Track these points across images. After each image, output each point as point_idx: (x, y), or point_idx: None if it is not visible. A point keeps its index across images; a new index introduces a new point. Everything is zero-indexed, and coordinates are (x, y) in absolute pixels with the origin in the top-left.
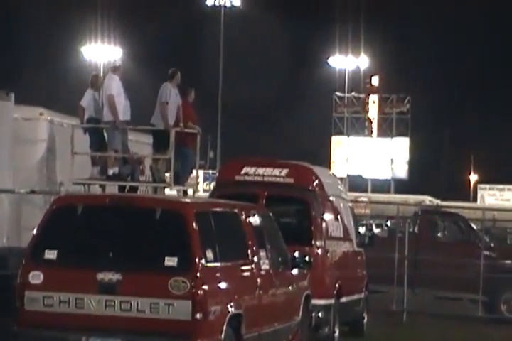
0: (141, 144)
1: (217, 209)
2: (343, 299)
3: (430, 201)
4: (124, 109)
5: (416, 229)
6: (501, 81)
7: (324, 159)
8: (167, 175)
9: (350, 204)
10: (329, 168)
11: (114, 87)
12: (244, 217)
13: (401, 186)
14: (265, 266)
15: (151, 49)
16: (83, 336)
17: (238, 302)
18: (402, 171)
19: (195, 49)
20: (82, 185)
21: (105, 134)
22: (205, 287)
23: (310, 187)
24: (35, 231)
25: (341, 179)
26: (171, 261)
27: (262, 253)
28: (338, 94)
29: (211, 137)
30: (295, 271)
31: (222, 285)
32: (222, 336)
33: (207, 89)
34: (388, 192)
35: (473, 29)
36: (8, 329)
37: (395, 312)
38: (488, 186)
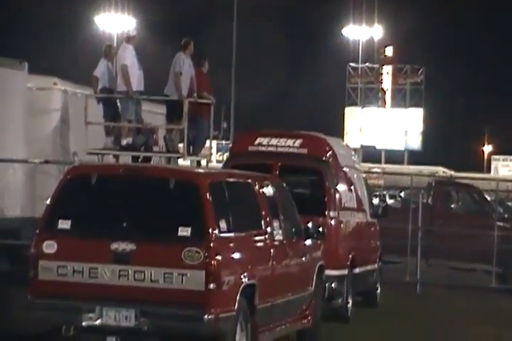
0: (154, 114)
1: (231, 180)
2: (357, 270)
3: (444, 172)
4: (138, 79)
5: (430, 200)
6: None
7: (338, 130)
8: (180, 145)
9: (364, 175)
10: (343, 138)
11: (128, 56)
12: (257, 187)
13: (415, 157)
14: (279, 236)
15: (165, 18)
16: (97, 305)
17: (252, 273)
18: (415, 142)
19: (208, 19)
20: (96, 155)
21: (119, 104)
22: (218, 257)
23: (324, 158)
24: (48, 201)
25: (355, 150)
26: (184, 231)
27: (276, 224)
28: (352, 64)
29: (225, 107)
30: (308, 242)
31: (236, 255)
32: (236, 306)
33: (220, 60)
34: (402, 163)
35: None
36: (22, 298)
37: (409, 283)
38: (502, 157)
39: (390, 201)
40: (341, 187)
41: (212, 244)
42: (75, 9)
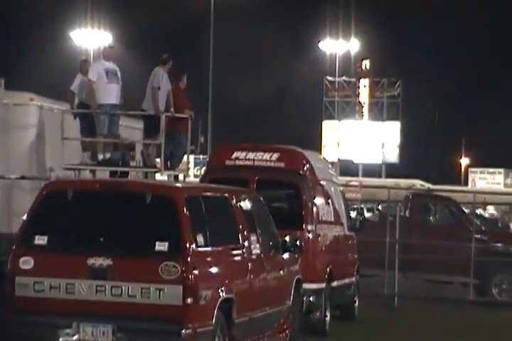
0: (131, 129)
1: (208, 194)
2: (334, 283)
3: (421, 185)
4: (109, 93)
5: (407, 213)
6: (491, 64)
7: (315, 143)
8: (158, 160)
9: (341, 189)
10: (320, 152)
11: (93, 71)
12: (234, 201)
13: (392, 170)
14: (256, 250)
15: (141, 34)
16: (74, 321)
17: (229, 287)
18: (393, 155)
19: (184, 33)
20: (73, 171)
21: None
22: (195, 271)
23: (301, 172)
24: (25, 217)
25: (332, 163)
26: (161, 246)
27: (253, 238)
28: (329, 78)
29: (202, 122)
30: (286, 255)
31: (213, 269)
32: (214, 321)
33: (198, 74)
34: (379, 176)
35: (463, 12)
36: None
37: (386, 296)
38: (479, 170)
39: (367, 214)
40: (319, 200)
41: (189, 259)
42: (51, 25)
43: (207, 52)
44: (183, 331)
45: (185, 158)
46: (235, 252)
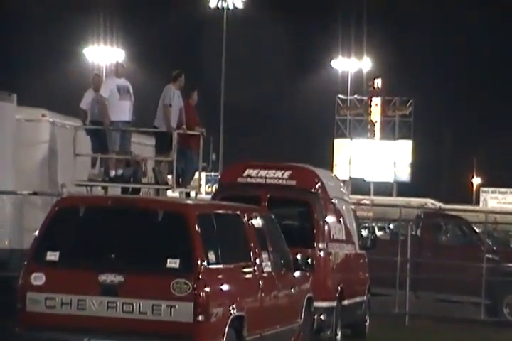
0: (143, 146)
1: (220, 211)
2: (345, 302)
3: (432, 204)
4: (122, 110)
5: (418, 232)
6: (503, 85)
7: (327, 162)
8: (169, 177)
9: (353, 207)
10: (332, 170)
11: (105, 87)
12: (246, 219)
13: (403, 189)
14: (267, 268)
15: (154, 51)
16: (85, 338)
17: (240, 305)
18: (404, 174)
19: (197, 51)
20: (85, 187)
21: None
22: (207, 289)
23: (312, 190)
24: (37, 233)
25: (344, 181)
26: (173, 263)
27: (265, 256)
28: (341, 96)
29: (213, 139)
30: (297, 274)
31: (225, 287)
32: (224, 338)
33: (209, 91)
34: (391, 195)
35: (474, 30)
36: (9, 331)
37: (397, 315)
38: (490, 189)
39: (378, 233)
40: (330, 218)
41: (200, 276)
42: (64, 41)
43: (218, 70)
44: None
45: (196, 175)
46: (246, 270)
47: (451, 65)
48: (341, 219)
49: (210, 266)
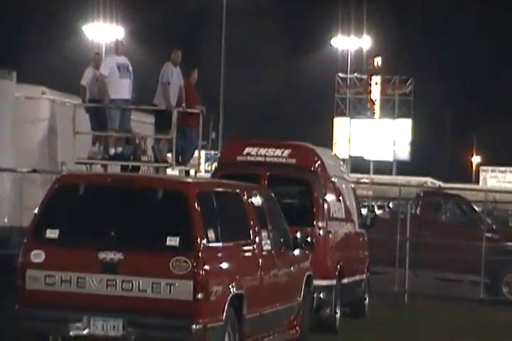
0: (143, 124)
1: (219, 190)
2: (345, 280)
3: (432, 183)
4: (122, 88)
5: (418, 211)
6: (504, 62)
7: (327, 140)
8: (169, 155)
9: (353, 186)
10: (331, 149)
11: (104, 66)
12: (246, 197)
13: (403, 168)
14: (267, 246)
15: (153, 28)
16: (84, 315)
17: (240, 283)
18: (404, 153)
19: (197, 28)
20: (84, 165)
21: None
22: (206, 267)
23: (312, 168)
24: (36, 211)
25: (343, 160)
26: (172, 241)
27: (264, 234)
28: (341, 75)
29: (213, 117)
30: (297, 252)
31: (224, 265)
32: (224, 316)
33: (209, 70)
34: (390, 173)
35: (476, 9)
36: (9, 308)
37: (397, 294)
38: (490, 168)
39: (378, 211)
40: (330, 197)
41: (200, 254)
42: (64, 18)
43: (219, 48)
44: (194, 326)
45: (196, 153)
46: (245, 248)
47: (452, 44)
48: (341, 198)
49: (210, 244)
